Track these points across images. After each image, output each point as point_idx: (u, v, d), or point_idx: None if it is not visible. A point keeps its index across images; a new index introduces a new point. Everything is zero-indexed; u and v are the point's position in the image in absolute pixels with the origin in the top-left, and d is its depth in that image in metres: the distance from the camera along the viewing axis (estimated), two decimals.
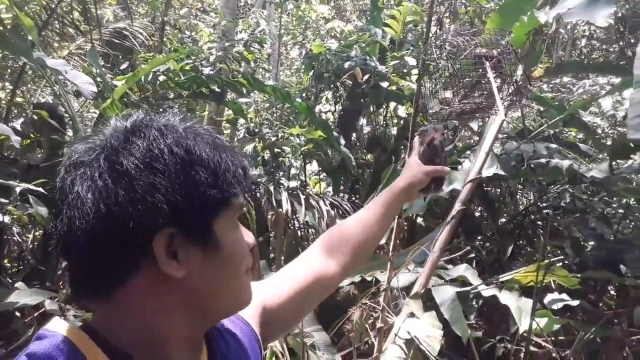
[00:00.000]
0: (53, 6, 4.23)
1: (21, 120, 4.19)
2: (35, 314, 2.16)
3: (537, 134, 3.76)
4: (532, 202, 3.69)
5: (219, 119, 5.07)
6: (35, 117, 3.42)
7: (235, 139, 5.47)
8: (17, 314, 2.30)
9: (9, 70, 4.27)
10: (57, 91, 3.49)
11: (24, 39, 2.96)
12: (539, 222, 3.50)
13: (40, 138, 3.40)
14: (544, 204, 3.72)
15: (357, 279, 2.67)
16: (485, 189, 3.92)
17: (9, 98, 3.99)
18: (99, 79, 3.76)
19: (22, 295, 1.94)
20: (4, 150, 3.20)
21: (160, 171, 0.55)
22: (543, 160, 3.10)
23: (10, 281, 2.74)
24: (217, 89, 4.21)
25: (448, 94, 1.92)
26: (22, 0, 3.92)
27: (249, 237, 0.66)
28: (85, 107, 5.03)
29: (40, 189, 2.40)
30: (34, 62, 2.28)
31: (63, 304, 2.25)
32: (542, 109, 5.45)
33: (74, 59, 4.95)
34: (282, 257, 2.83)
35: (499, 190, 4.21)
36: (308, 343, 2.28)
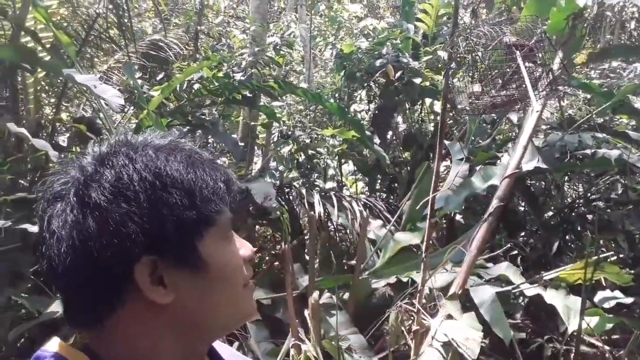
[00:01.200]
0: (91, 23, 4.40)
1: (67, 135, 4.39)
2: None
3: (582, 124, 3.56)
4: (580, 194, 3.49)
5: (253, 123, 5.11)
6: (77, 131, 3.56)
7: (271, 143, 5.51)
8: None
9: (54, 87, 4.46)
10: (95, 105, 3.62)
11: (63, 57, 3.08)
12: (588, 216, 3.30)
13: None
14: (594, 197, 3.52)
15: (392, 280, 2.61)
16: (528, 183, 3.75)
17: (53, 113, 4.18)
18: (136, 92, 3.88)
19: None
20: (48, 164, 3.35)
21: (131, 199, 0.54)
22: (589, 151, 2.92)
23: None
24: (248, 94, 4.25)
25: (477, 88, 1.83)
26: (61, 20, 4.10)
27: (245, 248, 0.63)
28: (126, 119, 5.20)
29: None
30: (65, 78, 2.37)
31: None
32: (588, 96, 5.18)
33: (114, 73, 5.13)
34: (316, 260, 2.80)
35: (543, 183, 4.02)
36: (344, 346, 2.25)
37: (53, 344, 0.60)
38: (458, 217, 3.86)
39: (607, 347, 2.22)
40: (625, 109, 3.92)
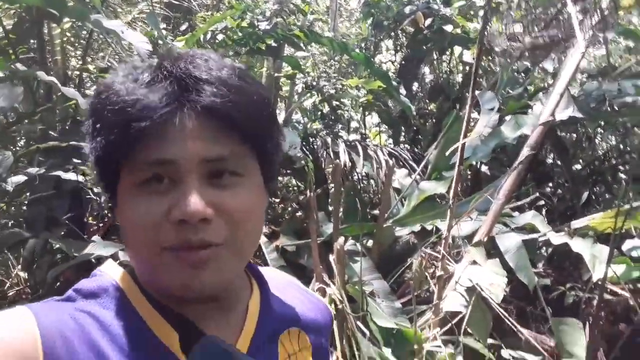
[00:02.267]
0: None
1: (94, 87, 4.43)
2: None
3: (623, 71, 3.40)
4: (612, 146, 3.38)
5: (277, 75, 5.05)
6: None
7: (295, 94, 5.45)
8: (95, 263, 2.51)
9: (79, 39, 4.48)
10: (121, 56, 3.62)
11: (87, 5, 3.07)
12: (620, 167, 3.21)
13: None
14: (627, 148, 3.40)
15: (417, 228, 2.62)
16: (559, 134, 3.64)
17: (80, 64, 4.21)
18: (160, 42, 3.86)
19: (98, 248, 2.10)
20: (78, 114, 3.41)
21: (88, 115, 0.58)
22: (629, 99, 2.80)
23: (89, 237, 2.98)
24: (273, 44, 4.17)
25: (517, 28, 1.73)
26: None
27: (179, 207, 0.52)
28: None
29: None
30: (92, 25, 2.36)
31: None
32: (631, 44, 4.90)
33: (137, 24, 5.10)
34: (340, 209, 2.82)
35: (574, 135, 3.89)
36: (367, 291, 2.29)
37: (112, 269, 0.61)
38: (484, 168, 3.80)
39: (630, 295, 2.20)
40: None
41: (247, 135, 0.55)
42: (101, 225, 3.86)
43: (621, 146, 3.35)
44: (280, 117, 5.38)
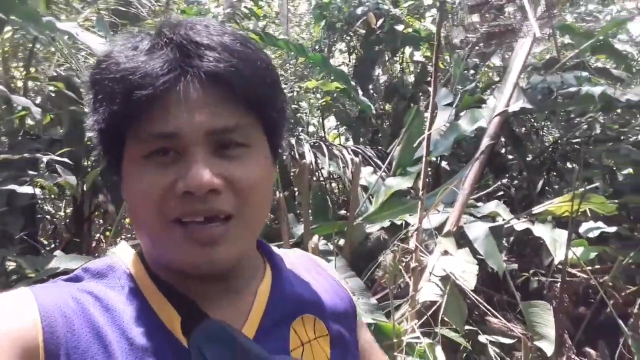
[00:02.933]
0: None
1: (39, 98, 4.21)
2: None
3: (563, 64, 3.59)
4: (560, 135, 3.57)
5: None
6: (52, 93, 3.42)
7: None
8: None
9: (21, 48, 4.25)
10: (70, 64, 3.46)
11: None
12: (570, 155, 3.40)
13: (59, 113, 3.41)
14: (574, 137, 3.60)
15: (386, 223, 2.66)
16: (512, 127, 3.81)
17: (24, 74, 3.99)
18: None
19: (62, 261, 2.00)
20: (25, 127, 3.23)
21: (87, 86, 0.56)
22: (573, 90, 2.97)
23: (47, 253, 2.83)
24: None
25: (475, 18, 1.81)
26: None
27: (187, 179, 0.51)
28: None
29: (66, 160, 2.42)
30: (44, 27, 2.25)
31: None
32: (565, 41, 5.21)
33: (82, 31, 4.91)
34: (309, 210, 2.82)
35: (523, 128, 4.09)
36: None
37: (122, 248, 0.60)
38: (443, 163, 3.92)
39: (589, 275, 2.33)
40: (604, 49, 3.97)
41: (252, 104, 0.54)
42: (57, 243, 3.68)
43: (569, 134, 3.55)
44: None
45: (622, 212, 3.01)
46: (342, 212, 3.40)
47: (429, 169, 4.09)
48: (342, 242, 2.69)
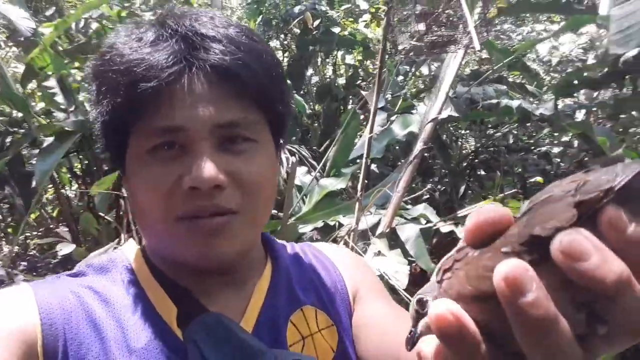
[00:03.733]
0: None
1: None
2: None
3: (485, 78, 3.85)
4: (482, 143, 3.84)
5: None
6: None
7: None
8: None
9: None
10: None
11: None
12: (488, 162, 3.66)
13: None
14: (491, 145, 3.88)
15: (319, 224, 2.69)
16: (437, 131, 4.02)
17: None
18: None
19: None
20: None
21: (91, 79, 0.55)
22: (494, 101, 3.20)
23: None
24: None
25: (421, 27, 1.88)
26: None
27: (193, 175, 0.50)
28: (5, 60, 4.56)
29: None
30: None
31: (9, 268, 2.11)
32: (483, 55, 5.60)
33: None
34: None
35: (445, 135, 4.34)
36: None
37: (129, 246, 0.59)
38: (373, 166, 4.04)
39: None
40: (518, 66, 4.33)
41: (258, 98, 0.53)
42: None
43: (487, 144, 3.82)
44: None
45: None
46: (274, 211, 3.39)
47: (359, 171, 4.21)
48: None
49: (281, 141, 0.60)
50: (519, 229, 0.29)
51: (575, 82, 2.81)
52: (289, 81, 4.49)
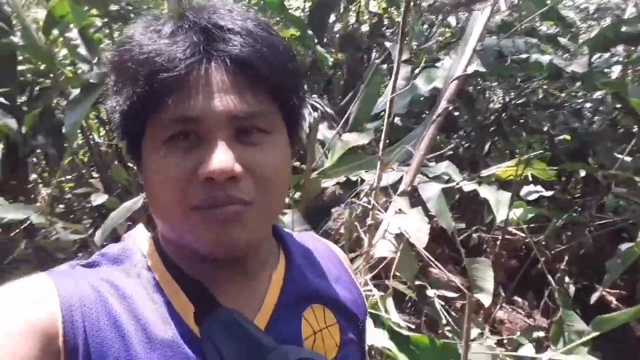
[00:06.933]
0: None
1: None
2: (21, 227, 2.12)
3: (517, 29, 3.68)
4: (510, 99, 3.73)
5: None
6: None
7: None
8: None
9: None
10: None
11: None
12: (515, 119, 3.57)
13: None
14: (519, 101, 3.77)
15: (342, 179, 2.71)
16: (462, 86, 3.91)
17: None
18: None
19: (7, 210, 1.88)
20: None
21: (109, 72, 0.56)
22: (524, 56, 3.08)
23: None
24: None
25: None
26: None
27: (204, 164, 0.51)
28: (26, 6, 4.53)
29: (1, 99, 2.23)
30: None
31: (50, 217, 2.19)
32: (514, 1, 5.32)
33: None
34: None
35: (471, 88, 4.21)
36: None
37: (139, 232, 0.60)
38: (396, 119, 3.99)
39: (528, 234, 2.53)
40: (552, 15, 4.11)
41: (274, 90, 0.54)
42: None
43: (515, 99, 3.71)
44: None
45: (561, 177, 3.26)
46: (296, 164, 3.41)
47: (382, 126, 4.16)
48: (297, 195, 2.72)
49: (297, 133, 0.61)
50: None
51: (612, 36, 2.67)
52: (309, 31, 4.37)
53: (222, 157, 0.50)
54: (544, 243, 2.52)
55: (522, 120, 3.39)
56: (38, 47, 2.88)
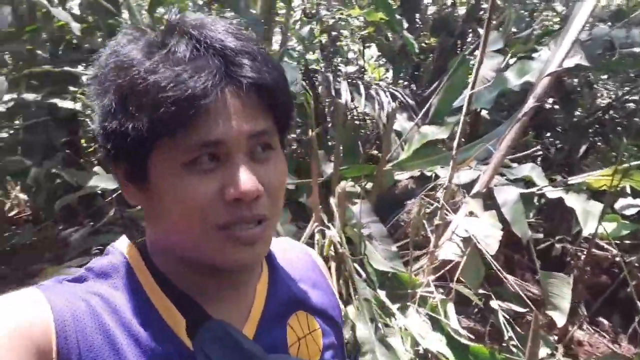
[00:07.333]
0: None
1: (78, 1, 4.14)
2: (114, 195, 2.35)
3: (633, 18, 3.28)
4: (616, 96, 3.35)
5: None
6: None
7: (291, 21, 5.19)
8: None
9: None
10: None
11: None
12: (619, 120, 3.21)
13: (98, 21, 3.37)
14: (629, 99, 3.38)
15: (416, 173, 2.64)
16: (562, 78, 3.58)
17: None
18: None
19: (102, 180, 2.08)
20: (66, 34, 3.22)
21: (94, 86, 0.55)
22: (637, 50, 2.74)
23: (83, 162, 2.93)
24: None
25: None
26: None
27: (232, 187, 0.51)
28: None
29: None
30: None
31: None
32: None
33: None
34: (341, 148, 2.80)
35: (574, 81, 3.84)
36: (365, 234, 2.34)
37: (123, 244, 0.61)
38: (483, 112, 3.76)
39: (618, 252, 2.29)
40: None
41: (276, 109, 0.56)
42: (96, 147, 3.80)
43: (625, 97, 3.32)
44: (276, 44, 5.14)
45: None
46: (374, 152, 3.37)
47: (468, 118, 3.95)
48: (369, 185, 2.70)
49: (284, 147, 0.62)
50: None
51: None
52: (400, 13, 4.23)
53: (248, 178, 0.52)
54: (637, 265, 2.27)
55: (626, 123, 3.03)
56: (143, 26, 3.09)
